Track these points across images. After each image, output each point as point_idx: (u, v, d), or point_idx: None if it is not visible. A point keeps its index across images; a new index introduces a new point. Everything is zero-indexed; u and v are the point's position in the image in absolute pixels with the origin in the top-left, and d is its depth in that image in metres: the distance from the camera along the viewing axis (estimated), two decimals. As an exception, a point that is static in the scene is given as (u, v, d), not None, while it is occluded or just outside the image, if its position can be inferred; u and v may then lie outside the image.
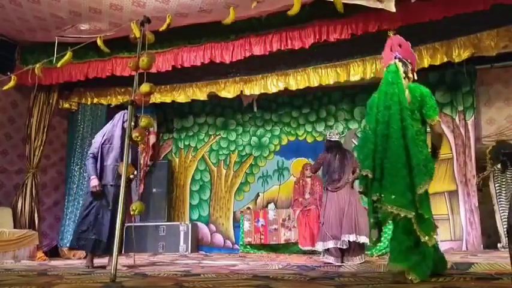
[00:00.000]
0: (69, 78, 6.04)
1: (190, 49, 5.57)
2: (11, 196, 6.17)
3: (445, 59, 5.12)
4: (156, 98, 6.47)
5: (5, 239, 5.37)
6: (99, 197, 4.30)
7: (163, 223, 7.29)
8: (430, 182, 2.78)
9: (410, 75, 3.16)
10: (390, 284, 2.59)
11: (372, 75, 5.54)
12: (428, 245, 2.70)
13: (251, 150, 7.99)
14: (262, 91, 6.18)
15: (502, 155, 6.08)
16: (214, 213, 7.94)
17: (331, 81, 5.75)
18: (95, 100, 6.76)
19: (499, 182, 6.13)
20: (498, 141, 6.30)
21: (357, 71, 5.60)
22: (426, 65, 5.22)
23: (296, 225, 6.56)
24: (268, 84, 6.08)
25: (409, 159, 2.74)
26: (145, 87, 3.17)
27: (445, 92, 6.94)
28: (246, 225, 6.86)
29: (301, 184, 6.93)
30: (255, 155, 7.95)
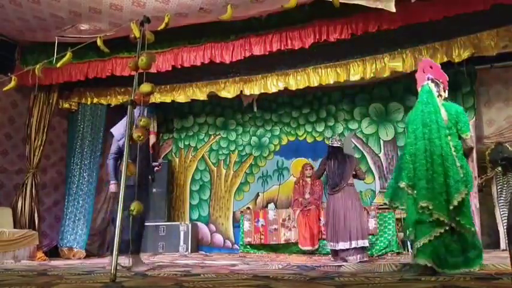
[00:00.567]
0: (69, 78, 6.05)
1: (190, 49, 5.57)
2: (11, 196, 6.17)
3: (445, 59, 5.12)
4: (156, 98, 6.46)
5: (5, 239, 5.37)
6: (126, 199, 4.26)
7: (163, 223, 7.29)
8: (466, 190, 3.13)
9: (443, 93, 3.51)
10: (390, 284, 2.59)
11: (372, 75, 5.54)
12: (469, 241, 3.13)
13: (251, 150, 7.99)
14: (262, 91, 6.18)
15: (500, 160, 6.09)
16: (214, 213, 7.94)
17: (331, 81, 5.75)
18: (95, 100, 6.76)
19: (501, 183, 6.15)
20: (496, 143, 6.30)
21: (357, 71, 5.60)
22: (426, 65, 5.23)
23: (296, 225, 6.56)
24: (268, 84, 6.08)
25: (446, 173, 3.12)
26: (145, 87, 3.17)
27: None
28: (246, 225, 6.86)
29: (301, 184, 6.93)
30: (255, 155, 7.95)
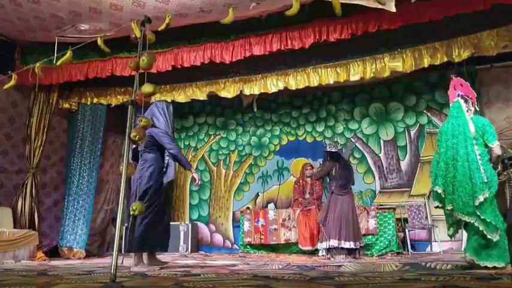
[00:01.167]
0: (69, 78, 6.04)
1: (190, 49, 5.57)
2: (11, 196, 6.17)
3: (445, 59, 5.12)
4: (156, 98, 6.45)
5: (5, 239, 5.37)
6: (164, 194, 4.30)
7: (163, 223, 7.27)
8: (489, 192, 3.54)
9: (472, 108, 3.96)
10: (390, 284, 2.59)
11: (372, 75, 5.54)
12: (493, 240, 3.46)
13: (251, 150, 7.99)
14: (262, 91, 6.18)
15: (508, 159, 6.11)
16: (214, 213, 7.94)
17: (331, 81, 5.75)
18: (95, 100, 6.75)
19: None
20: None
21: (356, 71, 5.60)
22: (426, 65, 5.24)
23: (296, 225, 6.56)
24: (268, 84, 6.07)
25: (471, 178, 3.58)
26: (147, 88, 3.16)
27: (445, 93, 6.93)
28: (246, 225, 6.86)
29: (301, 184, 6.93)
30: (255, 155, 7.95)
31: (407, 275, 3.08)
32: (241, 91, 6.23)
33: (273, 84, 6.07)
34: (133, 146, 4.23)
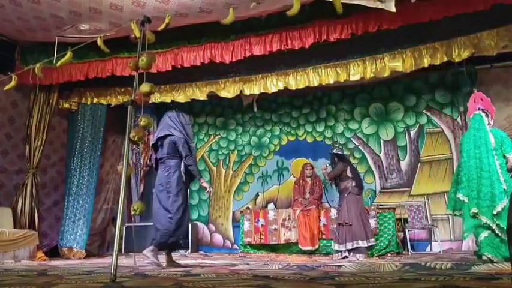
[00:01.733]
0: (69, 78, 6.04)
1: (190, 49, 5.57)
2: (11, 196, 6.17)
3: (445, 59, 5.12)
4: (156, 98, 6.47)
5: (5, 239, 5.38)
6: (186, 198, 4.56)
7: (163, 223, 7.27)
8: (507, 200, 3.74)
9: (491, 122, 4.29)
10: (390, 284, 2.59)
11: (372, 75, 5.54)
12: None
13: (251, 150, 7.99)
14: (262, 91, 6.18)
15: None
16: (214, 213, 7.94)
17: (331, 81, 5.75)
18: (95, 100, 6.75)
19: None
20: None
21: (356, 71, 5.60)
22: (426, 65, 5.23)
23: (296, 225, 6.56)
24: (268, 84, 6.08)
25: (492, 187, 3.92)
26: (145, 87, 3.16)
27: (445, 93, 6.96)
28: (246, 225, 6.86)
29: (301, 184, 6.93)
30: (255, 154, 7.95)
31: (407, 275, 3.08)
32: (241, 91, 6.23)
33: (273, 84, 6.07)
34: (153, 155, 4.66)
